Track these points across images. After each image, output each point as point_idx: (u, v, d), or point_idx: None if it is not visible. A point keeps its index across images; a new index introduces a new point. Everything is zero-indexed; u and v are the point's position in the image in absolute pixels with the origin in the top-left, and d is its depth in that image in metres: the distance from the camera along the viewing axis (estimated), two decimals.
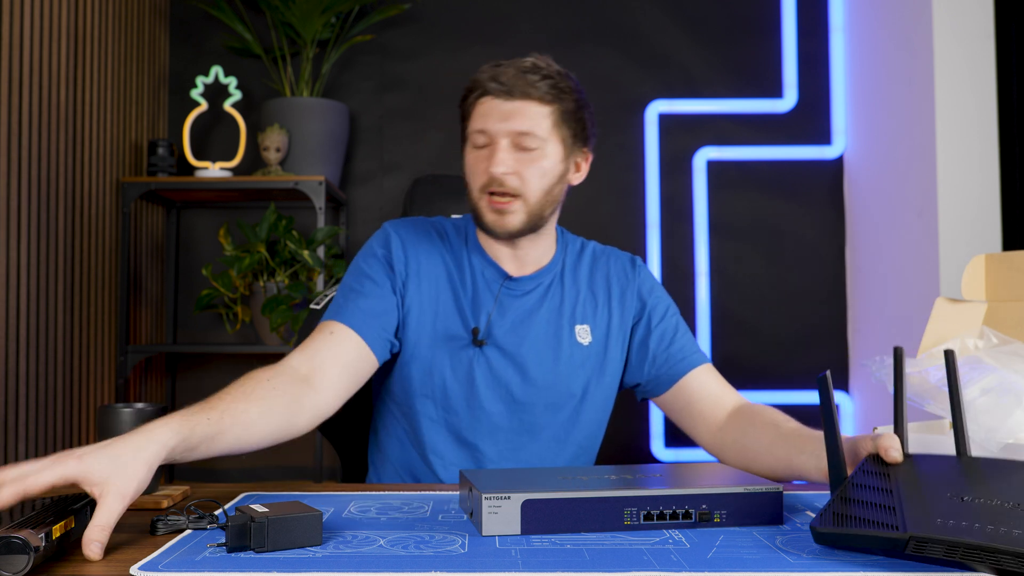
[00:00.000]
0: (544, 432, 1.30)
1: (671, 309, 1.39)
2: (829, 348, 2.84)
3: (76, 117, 2.34)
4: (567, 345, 1.30)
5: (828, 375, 0.88)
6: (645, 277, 1.39)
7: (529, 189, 1.24)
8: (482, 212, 1.26)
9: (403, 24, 2.92)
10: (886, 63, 2.54)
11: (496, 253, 1.32)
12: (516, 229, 1.26)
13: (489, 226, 1.26)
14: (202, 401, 1.03)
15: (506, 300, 1.30)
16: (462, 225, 1.37)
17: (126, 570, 0.74)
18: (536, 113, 1.23)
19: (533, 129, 1.23)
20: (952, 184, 2.20)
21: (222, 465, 2.87)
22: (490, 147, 1.25)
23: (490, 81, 1.24)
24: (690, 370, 1.34)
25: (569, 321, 1.32)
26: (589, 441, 1.35)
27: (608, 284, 1.36)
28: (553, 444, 1.31)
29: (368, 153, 2.93)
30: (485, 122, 1.24)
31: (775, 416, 1.22)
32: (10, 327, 2.04)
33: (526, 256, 1.32)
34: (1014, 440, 0.99)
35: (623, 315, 1.35)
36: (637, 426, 2.80)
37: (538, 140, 1.24)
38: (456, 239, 1.34)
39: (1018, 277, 1.29)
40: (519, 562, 0.76)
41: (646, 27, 2.90)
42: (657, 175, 2.87)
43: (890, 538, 0.73)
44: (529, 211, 1.25)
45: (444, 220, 1.38)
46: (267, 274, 2.59)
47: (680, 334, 1.36)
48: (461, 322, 1.28)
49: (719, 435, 1.27)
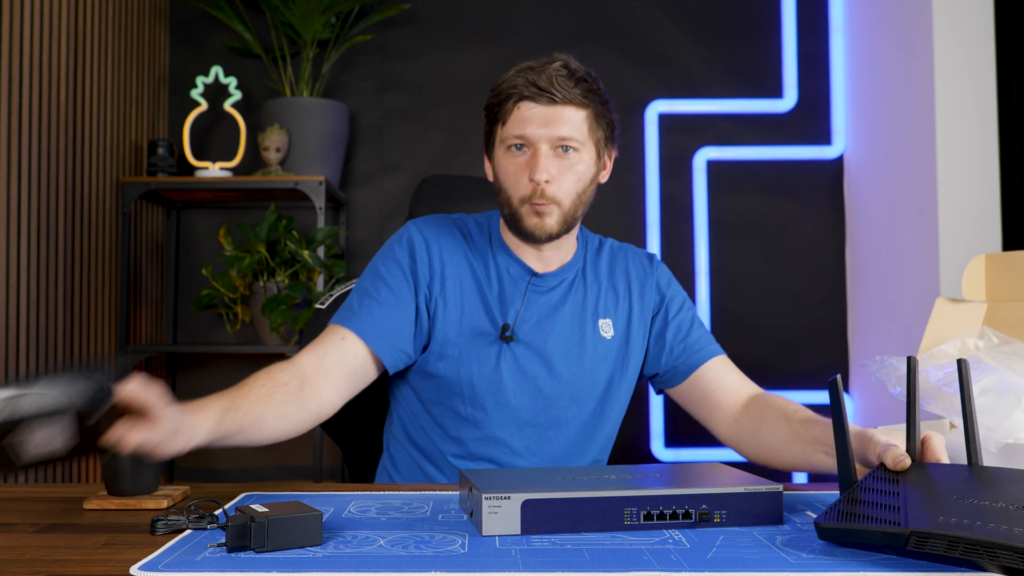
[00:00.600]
0: (570, 425, 1.32)
1: (687, 303, 1.42)
2: (829, 348, 2.84)
3: (76, 117, 2.34)
4: (591, 339, 1.32)
5: (838, 379, 0.89)
6: (662, 272, 1.42)
7: (565, 195, 1.26)
8: (523, 217, 1.26)
9: (403, 24, 2.92)
10: (886, 63, 2.54)
11: (521, 251, 1.33)
12: (554, 232, 1.27)
13: (531, 230, 1.27)
14: (229, 394, 1.09)
15: (532, 296, 1.32)
16: (484, 222, 1.38)
17: (126, 570, 0.74)
18: (574, 118, 1.25)
19: (573, 134, 1.24)
20: (952, 184, 2.20)
21: (222, 465, 2.87)
22: (530, 153, 1.25)
23: (529, 86, 1.23)
24: (706, 360, 1.36)
25: (592, 316, 1.33)
26: (612, 432, 1.38)
27: (628, 278, 1.39)
28: (580, 437, 1.33)
29: (368, 153, 2.93)
30: (525, 127, 1.24)
31: (784, 407, 1.24)
32: (10, 327, 2.04)
33: (552, 256, 1.34)
34: (1013, 440, 0.99)
35: (643, 308, 1.37)
36: (637, 426, 2.80)
37: (577, 144, 1.25)
38: (480, 237, 1.35)
39: (1018, 277, 1.29)
40: (519, 562, 0.76)
41: (646, 27, 2.90)
42: (657, 175, 2.87)
43: (891, 533, 0.74)
44: (564, 215, 1.27)
45: (466, 217, 1.38)
46: (267, 274, 2.59)
47: (696, 326, 1.39)
48: (488, 319, 1.29)
49: (735, 427, 1.30)
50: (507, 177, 1.27)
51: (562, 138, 1.24)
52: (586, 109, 1.26)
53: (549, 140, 1.24)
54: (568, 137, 1.24)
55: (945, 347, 1.25)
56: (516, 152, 1.26)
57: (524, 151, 1.25)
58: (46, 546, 0.83)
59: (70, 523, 0.94)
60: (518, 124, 1.25)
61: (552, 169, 1.24)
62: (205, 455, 2.87)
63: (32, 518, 0.96)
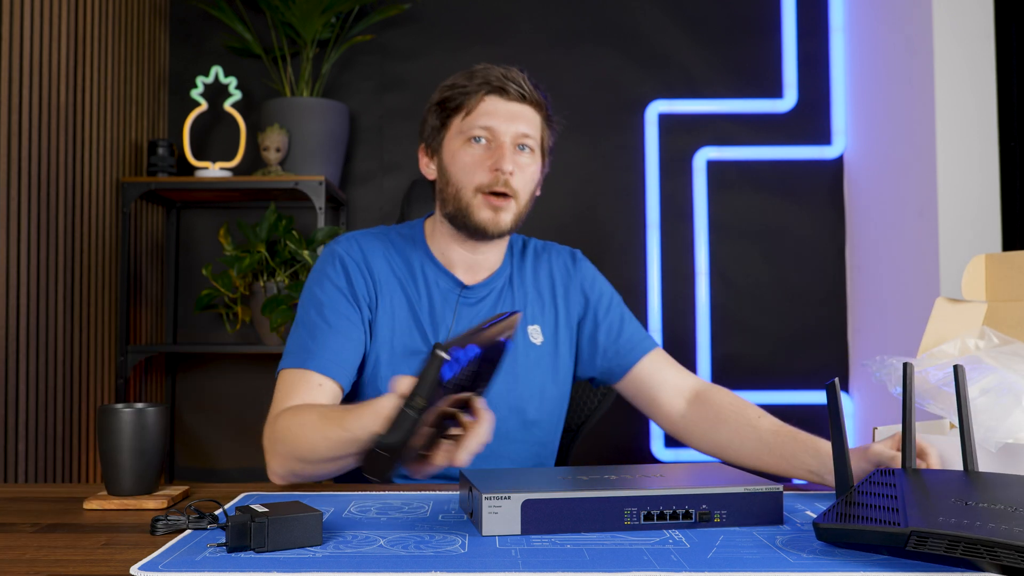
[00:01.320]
0: (511, 434, 1.32)
1: (615, 300, 1.41)
2: (829, 348, 2.84)
3: (76, 117, 2.34)
4: (522, 347, 1.32)
5: (836, 382, 0.89)
6: (586, 271, 1.41)
7: (523, 191, 1.27)
8: (474, 210, 1.25)
9: (403, 24, 2.92)
10: (886, 63, 2.54)
11: (449, 261, 1.32)
12: (507, 228, 1.27)
13: (483, 224, 1.26)
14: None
15: (463, 310, 1.31)
16: (409, 234, 1.36)
17: (126, 570, 0.74)
18: (534, 119, 1.28)
19: (532, 134, 1.27)
20: (952, 184, 2.20)
21: (222, 465, 2.87)
22: (492, 146, 1.25)
23: (500, 79, 1.25)
24: (641, 358, 1.36)
25: (521, 323, 1.33)
26: (549, 437, 1.37)
27: (552, 282, 1.38)
28: (522, 446, 1.33)
29: (368, 153, 2.93)
30: (491, 119, 1.25)
31: (744, 411, 1.25)
32: (10, 327, 2.04)
33: (484, 261, 1.33)
34: (1013, 440, 0.99)
35: (568, 312, 1.37)
36: (637, 426, 2.80)
37: (533, 144, 1.27)
38: (407, 249, 1.33)
39: (1018, 277, 1.29)
40: (519, 562, 0.76)
41: (646, 27, 2.90)
42: (657, 175, 2.87)
43: (892, 533, 0.74)
44: (518, 212, 1.28)
45: (388, 230, 1.36)
46: (267, 274, 2.59)
47: (627, 323, 1.39)
48: (420, 336, 1.28)
49: (682, 421, 1.32)
50: (462, 168, 1.26)
51: (524, 135, 1.26)
52: (542, 114, 1.29)
53: (513, 135, 1.25)
54: (528, 135, 1.26)
55: (945, 347, 1.25)
56: (475, 144, 1.26)
57: (484, 144, 1.25)
58: (46, 546, 0.83)
59: (70, 523, 0.94)
60: (484, 116, 1.25)
61: (513, 164, 1.25)
62: (205, 455, 2.87)
63: (32, 518, 0.96)
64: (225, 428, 2.86)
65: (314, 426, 1.07)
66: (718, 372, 2.82)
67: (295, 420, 1.12)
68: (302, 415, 1.12)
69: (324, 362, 1.21)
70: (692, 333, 2.82)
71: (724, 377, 2.80)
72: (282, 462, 1.13)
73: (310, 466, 1.09)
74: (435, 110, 1.30)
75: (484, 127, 1.25)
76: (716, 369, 2.82)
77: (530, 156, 1.27)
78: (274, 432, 1.14)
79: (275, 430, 1.14)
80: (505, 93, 1.25)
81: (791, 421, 1.21)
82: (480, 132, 1.25)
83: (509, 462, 1.32)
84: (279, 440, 1.12)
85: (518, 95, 1.25)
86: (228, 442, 2.86)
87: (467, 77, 1.27)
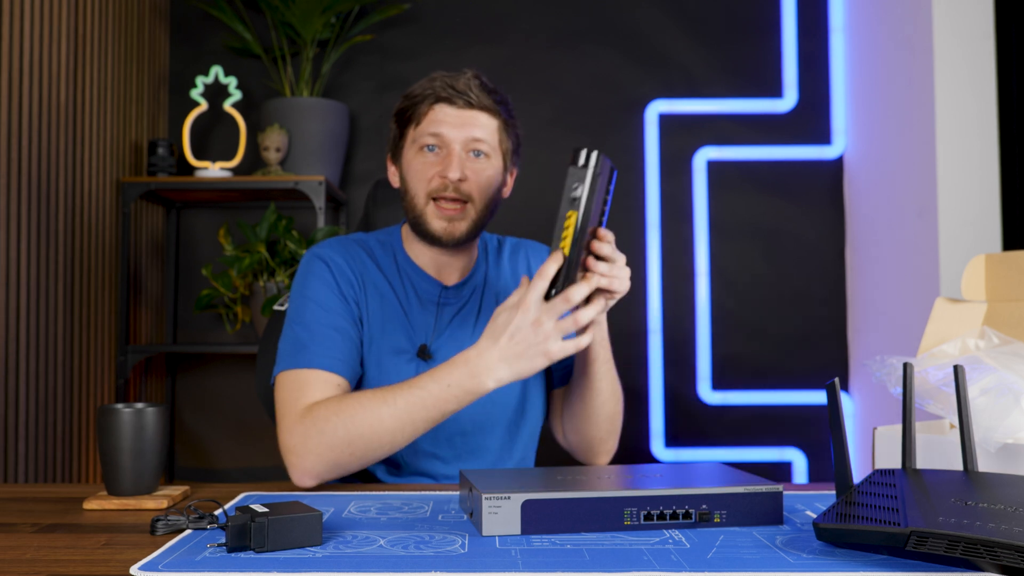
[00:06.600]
0: (496, 428, 1.33)
1: None
2: (829, 348, 2.84)
3: (76, 117, 2.34)
4: None
5: (836, 382, 0.89)
6: None
7: (478, 196, 1.28)
8: (428, 219, 1.27)
9: (403, 24, 2.92)
10: (886, 63, 2.54)
11: (425, 264, 1.34)
12: (463, 236, 1.28)
13: (437, 233, 1.27)
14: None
15: (444, 310, 1.33)
16: (385, 240, 1.37)
17: (126, 570, 0.74)
18: (487, 124, 1.28)
19: (485, 138, 1.28)
20: (952, 184, 2.20)
21: (222, 465, 2.87)
22: (443, 153, 1.27)
23: (446, 88, 1.26)
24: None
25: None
26: (535, 430, 1.41)
27: (530, 274, 1.40)
28: (505, 438, 1.35)
29: (368, 153, 2.93)
30: (439, 127, 1.26)
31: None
32: (10, 327, 2.04)
33: (455, 263, 1.35)
34: (1012, 440, 0.99)
35: None
36: (637, 426, 2.80)
37: (488, 149, 1.28)
38: (384, 254, 1.35)
39: (1018, 277, 1.29)
40: (519, 562, 0.76)
41: (646, 27, 2.90)
42: (657, 175, 2.87)
43: (891, 533, 0.74)
44: (475, 218, 1.28)
45: (364, 236, 1.38)
46: (267, 274, 2.59)
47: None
48: (405, 336, 1.29)
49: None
50: (415, 176, 1.28)
51: (475, 140, 1.26)
52: (497, 119, 1.29)
53: (463, 142, 1.26)
54: (480, 140, 1.27)
55: (945, 347, 1.25)
56: (427, 153, 1.27)
57: (436, 152, 1.27)
58: (46, 546, 0.83)
59: (70, 523, 0.94)
60: (433, 124, 1.26)
61: (465, 170, 1.26)
62: (205, 455, 2.87)
63: (32, 518, 0.96)
64: (225, 428, 2.86)
65: (371, 402, 1.11)
66: (718, 372, 2.82)
67: (341, 405, 1.13)
68: (347, 399, 1.13)
69: (330, 359, 1.21)
70: (692, 333, 2.82)
71: (724, 377, 2.81)
72: (321, 456, 1.12)
73: (360, 449, 1.11)
74: (395, 121, 1.33)
75: (434, 134, 1.26)
76: (716, 369, 2.82)
77: (486, 161, 1.28)
78: (308, 427, 1.13)
79: (311, 424, 1.13)
80: (452, 101, 1.26)
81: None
82: (431, 140, 1.27)
83: (493, 455, 1.34)
84: (318, 431, 1.12)
85: (465, 103, 1.26)
86: (228, 442, 2.86)
87: (420, 86, 1.29)
